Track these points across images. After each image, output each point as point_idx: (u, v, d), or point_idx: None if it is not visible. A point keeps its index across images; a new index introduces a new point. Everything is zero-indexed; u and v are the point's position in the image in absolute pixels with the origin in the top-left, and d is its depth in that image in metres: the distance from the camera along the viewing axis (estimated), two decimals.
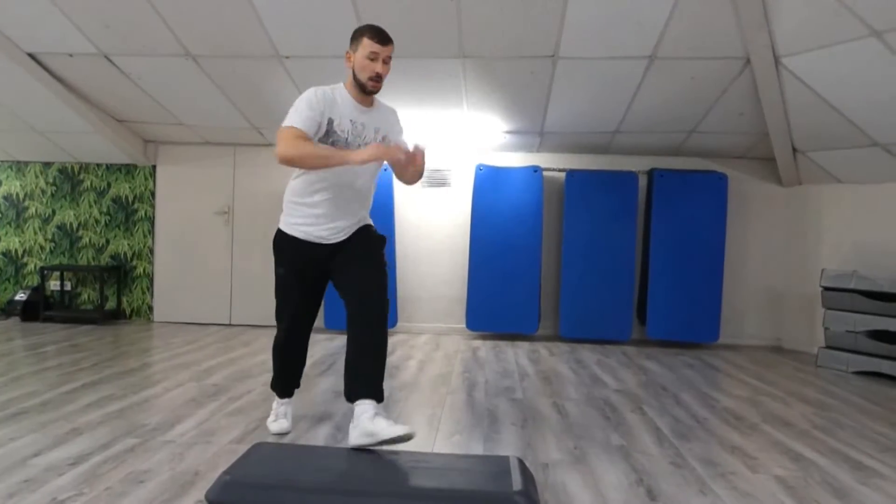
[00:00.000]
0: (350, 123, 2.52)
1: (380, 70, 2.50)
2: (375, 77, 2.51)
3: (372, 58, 2.49)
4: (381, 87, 2.55)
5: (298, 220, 2.65)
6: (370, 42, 2.50)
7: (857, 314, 4.67)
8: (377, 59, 2.50)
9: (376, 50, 2.49)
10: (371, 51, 2.49)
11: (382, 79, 2.53)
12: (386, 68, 2.53)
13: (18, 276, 6.43)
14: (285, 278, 2.76)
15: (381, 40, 2.51)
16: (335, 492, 2.11)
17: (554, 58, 4.49)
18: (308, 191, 2.60)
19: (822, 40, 3.93)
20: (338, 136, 2.50)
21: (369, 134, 2.56)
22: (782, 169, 5.54)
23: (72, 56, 4.79)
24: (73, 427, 2.85)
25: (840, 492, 2.38)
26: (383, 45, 2.51)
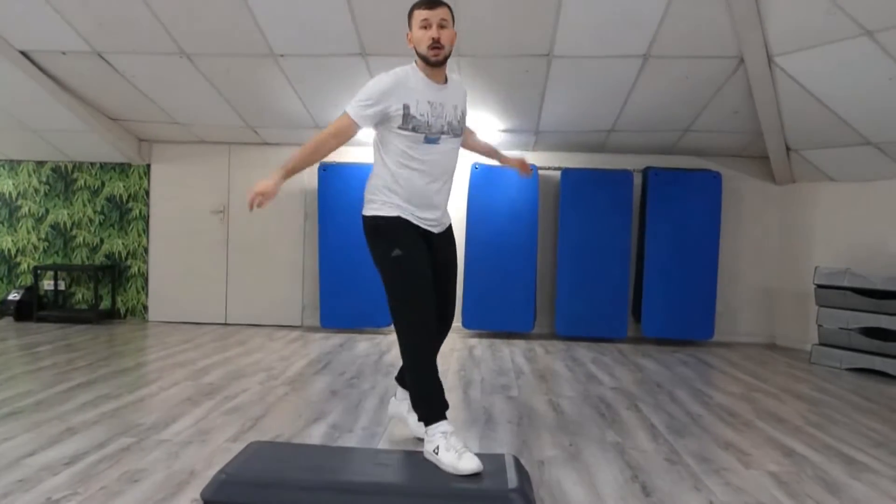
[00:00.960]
0: (428, 105, 2.37)
1: (434, 34, 2.33)
2: (433, 44, 2.33)
3: (424, 26, 2.34)
4: (447, 52, 2.37)
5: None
6: (419, 11, 2.36)
7: (850, 311, 4.69)
8: (430, 25, 2.33)
9: (426, 16, 2.34)
10: (422, 19, 2.35)
11: (443, 45, 2.34)
12: (444, 32, 2.34)
13: (12, 276, 6.40)
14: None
15: (429, 5, 2.35)
16: (330, 490, 2.11)
17: (549, 56, 4.50)
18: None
19: (815, 40, 3.95)
20: (417, 120, 2.35)
21: (449, 112, 2.42)
22: (776, 167, 5.57)
23: (65, 54, 4.78)
24: (67, 426, 2.84)
25: (832, 487, 2.39)
26: (432, 8, 2.35)
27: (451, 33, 2.38)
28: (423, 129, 2.37)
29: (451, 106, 2.44)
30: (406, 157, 2.39)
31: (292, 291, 6.14)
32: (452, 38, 2.40)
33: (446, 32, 2.36)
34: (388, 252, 2.38)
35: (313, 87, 5.08)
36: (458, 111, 2.47)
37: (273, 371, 4.14)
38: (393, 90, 2.35)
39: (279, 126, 5.80)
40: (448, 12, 2.40)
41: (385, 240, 2.41)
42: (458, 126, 2.46)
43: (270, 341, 5.31)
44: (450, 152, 2.47)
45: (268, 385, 3.76)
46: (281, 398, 3.47)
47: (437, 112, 2.39)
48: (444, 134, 2.41)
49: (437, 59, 2.37)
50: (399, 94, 2.35)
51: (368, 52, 4.55)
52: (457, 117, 2.45)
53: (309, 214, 6.11)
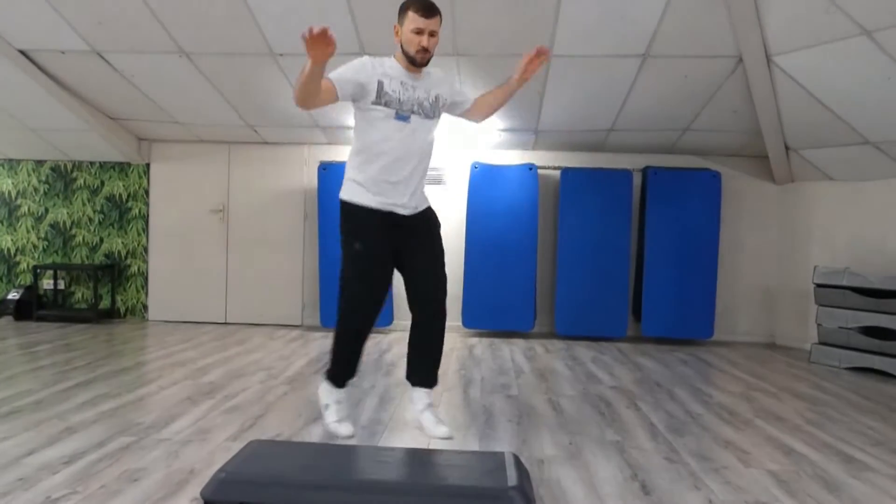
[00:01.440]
0: (400, 85, 2.51)
1: (425, 43, 2.45)
2: (422, 51, 2.47)
3: (417, 32, 2.45)
4: (428, 59, 2.52)
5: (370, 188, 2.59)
6: (415, 15, 2.44)
7: (850, 310, 4.70)
8: (422, 33, 2.44)
9: (421, 25, 2.44)
10: (416, 26, 2.45)
11: (430, 51, 2.49)
12: (433, 41, 2.47)
13: (11, 275, 6.40)
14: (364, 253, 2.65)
15: (426, 13, 2.44)
16: (330, 488, 2.11)
17: (548, 56, 4.49)
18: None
19: (814, 39, 3.95)
20: (389, 95, 2.49)
21: (421, 94, 2.55)
22: (775, 166, 5.57)
23: (64, 53, 4.77)
24: (67, 426, 2.84)
25: (831, 485, 2.40)
26: (428, 17, 2.45)
27: (437, 40, 2.52)
28: (395, 104, 2.50)
29: (423, 90, 2.56)
30: (378, 134, 2.52)
31: (292, 290, 6.14)
32: (437, 43, 2.53)
33: (434, 40, 2.50)
34: (350, 241, 2.60)
35: None
36: (431, 95, 2.58)
37: (273, 370, 4.14)
38: (371, 67, 2.50)
39: (278, 125, 5.80)
40: (439, 21, 2.51)
41: (351, 227, 2.61)
42: (429, 108, 2.57)
43: (270, 340, 5.31)
44: (420, 132, 2.56)
45: (268, 384, 3.76)
46: (281, 397, 3.47)
47: (407, 92, 2.52)
48: (415, 113, 2.53)
49: (423, 63, 2.52)
50: (376, 71, 2.50)
51: (368, 51, 4.54)
52: (429, 100, 2.56)
53: (308, 214, 6.11)
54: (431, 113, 2.58)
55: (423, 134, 2.58)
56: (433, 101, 2.58)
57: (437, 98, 2.59)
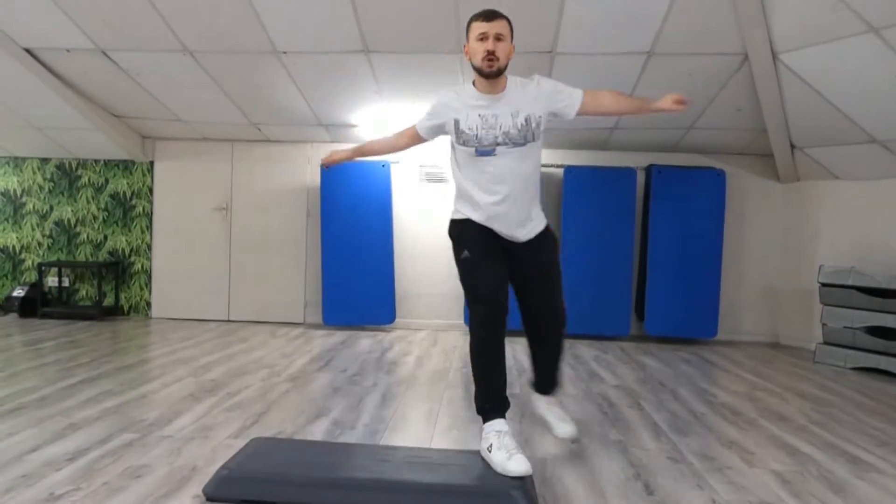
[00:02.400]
0: (478, 118, 2.37)
1: (490, 47, 2.31)
2: (487, 55, 2.31)
3: (481, 38, 2.33)
4: (502, 65, 2.35)
5: None
6: (476, 23, 2.36)
7: (855, 310, 4.67)
8: (486, 38, 2.32)
9: (484, 29, 2.33)
10: (479, 32, 2.34)
11: (497, 56, 2.32)
12: (500, 45, 2.33)
13: (16, 273, 6.42)
14: None
15: (486, 17, 2.36)
16: (332, 486, 2.11)
17: (552, 53, 4.48)
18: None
19: (820, 36, 3.93)
20: (467, 134, 2.39)
21: (505, 121, 2.36)
22: (780, 165, 5.55)
23: (69, 51, 4.78)
24: (70, 422, 2.85)
25: (836, 486, 2.38)
26: (490, 20, 2.35)
27: (507, 46, 2.37)
28: (473, 142, 2.39)
29: (509, 114, 2.37)
30: (466, 169, 2.45)
31: (295, 288, 6.15)
32: (509, 51, 2.38)
33: (502, 45, 2.35)
34: (458, 254, 2.47)
35: (316, 84, 5.08)
36: (521, 117, 2.37)
37: (275, 368, 4.15)
38: (446, 105, 2.45)
39: (282, 123, 5.80)
40: (506, 25, 2.39)
41: (456, 242, 2.51)
42: (518, 134, 2.37)
43: (273, 338, 5.31)
44: (513, 163, 2.39)
45: (270, 382, 3.76)
46: (283, 395, 3.47)
47: (487, 124, 2.37)
48: (501, 145, 2.37)
49: (491, 70, 2.33)
50: (451, 108, 2.43)
51: (371, 49, 4.54)
52: (517, 125, 2.36)
53: (312, 212, 6.11)
54: (522, 139, 2.37)
55: (515, 163, 2.39)
56: (523, 125, 2.37)
57: (527, 120, 2.37)
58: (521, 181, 2.42)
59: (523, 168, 2.41)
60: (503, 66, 2.36)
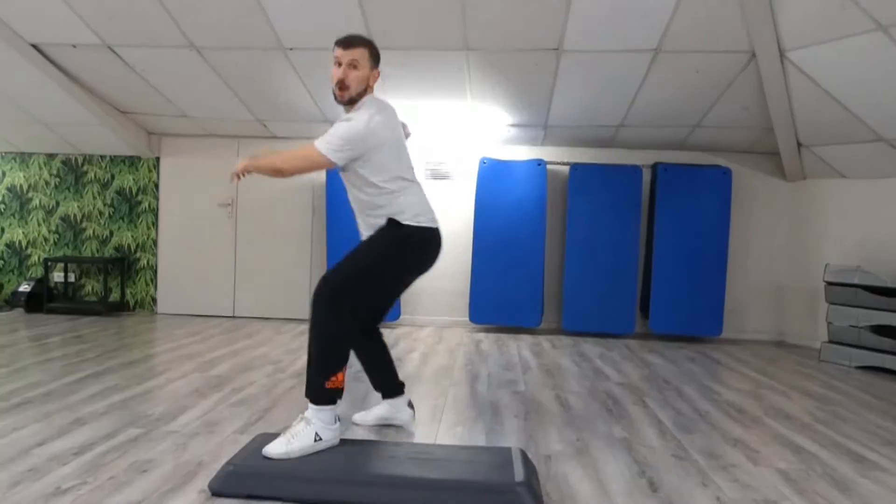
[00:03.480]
0: None
1: (340, 75, 2.37)
2: (337, 83, 2.38)
3: (336, 64, 2.39)
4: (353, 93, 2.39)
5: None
6: (335, 49, 2.40)
7: (861, 309, 4.66)
8: (340, 64, 2.38)
9: (337, 55, 2.39)
10: (334, 57, 2.40)
11: (348, 84, 2.37)
12: (350, 72, 2.37)
13: (22, 268, 6.45)
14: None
15: (344, 45, 2.39)
16: (338, 482, 2.12)
17: (558, 51, 4.48)
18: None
19: (828, 34, 3.91)
20: None
21: None
22: (786, 163, 5.53)
23: (75, 47, 4.79)
24: (76, 417, 2.86)
25: (841, 484, 2.38)
26: (346, 48, 2.39)
27: (361, 74, 2.37)
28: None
29: None
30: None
31: (300, 285, 6.15)
32: (366, 78, 2.39)
33: (356, 73, 2.37)
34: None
35: (322, 81, 5.07)
36: None
37: (280, 364, 4.16)
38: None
39: (288, 120, 5.80)
40: (365, 53, 2.39)
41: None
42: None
43: (278, 334, 5.32)
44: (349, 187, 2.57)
45: (275, 378, 3.77)
46: (288, 391, 3.48)
47: None
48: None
49: (342, 100, 2.40)
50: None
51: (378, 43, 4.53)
52: None
53: (317, 209, 6.12)
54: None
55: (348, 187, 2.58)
56: None
57: None
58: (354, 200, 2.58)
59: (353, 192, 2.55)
60: (353, 95, 2.39)
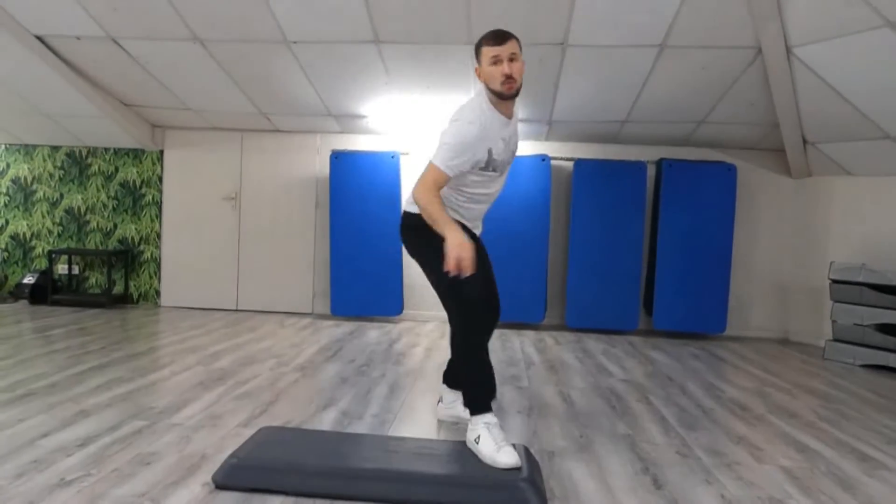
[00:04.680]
0: (503, 143, 2.44)
1: (507, 71, 2.34)
2: (506, 80, 2.34)
3: (495, 62, 2.35)
4: (519, 86, 2.39)
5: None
6: (488, 48, 2.37)
7: (866, 307, 4.64)
8: (501, 60, 2.34)
9: (497, 52, 2.35)
10: (492, 55, 2.36)
11: (514, 77, 2.35)
12: (515, 66, 2.35)
13: (27, 260, 6.46)
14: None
15: (497, 41, 2.37)
16: (340, 476, 2.12)
17: (563, 45, 4.46)
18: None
19: (835, 30, 3.88)
20: (496, 161, 2.43)
21: (514, 142, 2.53)
22: (792, 160, 5.50)
23: (79, 39, 4.78)
24: (80, 409, 2.87)
25: (846, 483, 2.37)
26: (500, 44, 2.36)
27: (520, 65, 2.39)
28: (501, 167, 2.48)
29: (517, 133, 2.55)
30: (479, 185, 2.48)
31: (303, 279, 6.16)
32: (522, 68, 2.41)
33: (517, 65, 2.37)
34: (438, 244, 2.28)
35: (326, 74, 5.07)
36: (510, 148, 2.52)
37: (284, 357, 4.16)
38: (480, 139, 2.36)
39: (291, 113, 5.79)
40: (516, 44, 2.39)
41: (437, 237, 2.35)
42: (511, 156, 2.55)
43: (281, 328, 5.33)
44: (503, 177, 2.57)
45: (278, 371, 3.77)
46: (291, 384, 3.48)
47: (509, 147, 2.49)
48: (508, 164, 2.52)
49: (511, 93, 2.37)
50: (484, 141, 2.38)
51: (381, 39, 4.53)
52: (517, 143, 2.56)
53: (320, 202, 6.11)
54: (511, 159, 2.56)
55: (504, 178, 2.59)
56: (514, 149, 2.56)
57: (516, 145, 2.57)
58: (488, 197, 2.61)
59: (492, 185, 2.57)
60: (520, 86, 2.40)
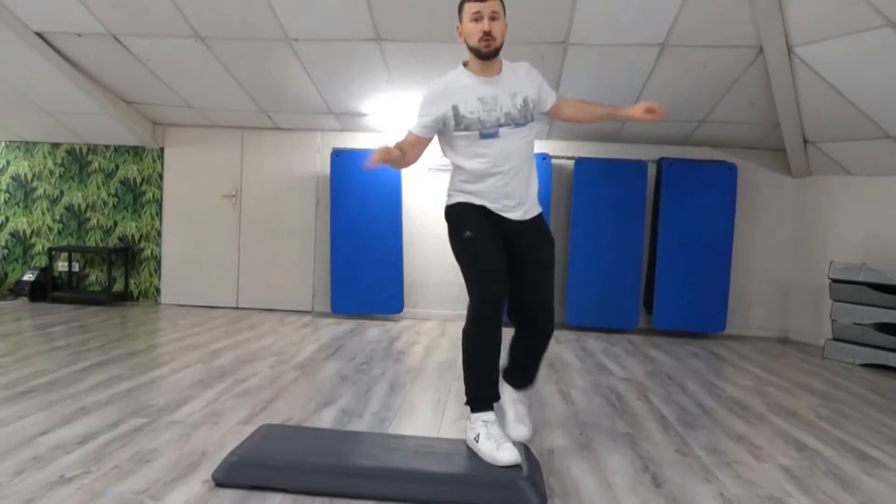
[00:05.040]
0: (478, 102, 2.34)
1: (486, 27, 2.29)
2: (484, 36, 2.30)
3: (476, 18, 2.31)
4: (499, 44, 2.33)
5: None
6: (469, 4, 2.34)
7: (865, 307, 4.64)
8: (481, 17, 2.30)
9: (478, 9, 2.31)
10: (473, 12, 2.32)
11: (494, 36, 2.31)
12: (495, 24, 2.31)
13: (27, 257, 6.46)
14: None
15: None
16: (340, 474, 2.12)
17: (565, 44, 4.45)
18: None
19: (837, 30, 3.88)
20: (468, 119, 2.34)
21: (505, 102, 2.35)
22: (792, 160, 5.50)
23: (80, 36, 4.78)
24: (80, 406, 2.87)
25: (845, 482, 2.38)
26: (483, 0, 2.32)
27: (502, 25, 2.35)
28: (476, 125, 2.34)
29: (508, 95, 2.36)
30: (469, 152, 2.38)
31: (303, 277, 6.16)
32: (504, 29, 2.37)
33: (497, 24, 2.33)
34: (459, 235, 2.40)
35: (327, 72, 5.06)
36: (519, 98, 2.37)
37: (284, 355, 4.16)
38: (440, 94, 2.37)
39: (292, 111, 5.79)
40: (499, 4, 2.37)
41: (455, 225, 2.43)
42: (519, 115, 2.36)
43: (281, 326, 5.33)
44: (515, 142, 2.37)
45: (278, 369, 3.77)
46: (291, 382, 3.49)
47: (489, 106, 2.34)
48: (503, 126, 2.35)
49: (489, 50, 2.33)
50: (447, 96, 2.36)
51: (383, 37, 4.52)
52: (516, 106, 2.36)
53: (321, 200, 6.11)
54: (523, 119, 2.37)
55: (516, 142, 2.37)
56: (522, 105, 2.37)
57: (525, 101, 2.37)
58: (523, 160, 2.41)
59: (525, 148, 2.42)
60: (499, 45, 2.36)
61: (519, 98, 2.37)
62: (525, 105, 2.38)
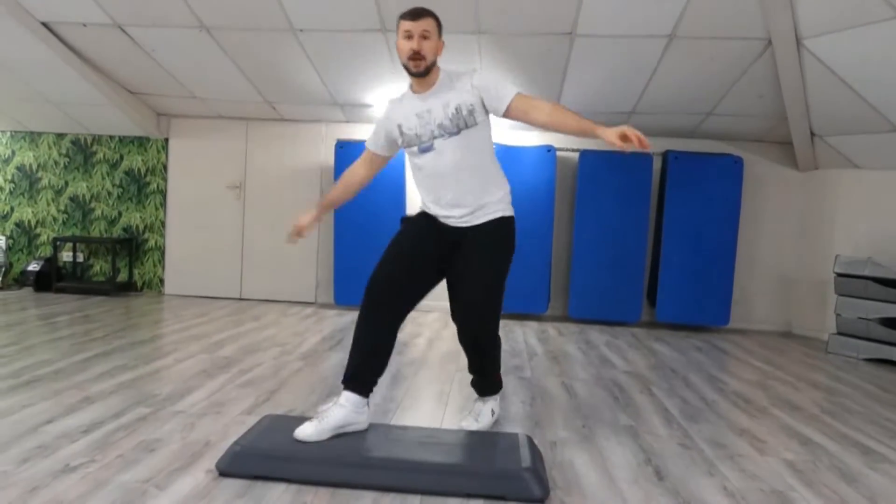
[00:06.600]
0: (416, 118, 2.40)
1: (415, 46, 2.30)
2: (412, 55, 2.31)
3: (406, 36, 2.33)
4: (428, 63, 2.34)
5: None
6: (402, 21, 2.35)
7: (870, 301, 4.63)
8: (412, 36, 2.31)
9: (408, 27, 2.32)
10: (404, 30, 2.33)
11: (423, 55, 2.31)
12: (426, 43, 2.31)
13: (31, 247, 6.48)
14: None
15: (412, 17, 2.34)
16: (344, 465, 2.12)
17: (571, 35, 4.43)
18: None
19: (846, 22, 3.85)
20: (410, 137, 2.42)
21: (438, 113, 2.36)
22: (799, 153, 5.47)
23: (85, 26, 4.77)
24: (85, 395, 2.88)
25: (848, 476, 2.37)
26: (415, 20, 2.33)
27: (433, 44, 2.35)
28: (415, 141, 2.43)
29: (441, 106, 2.37)
30: (415, 167, 2.52)
31: (307, 268, 6.16)
32: (436, 48, 2.37)
33: (428, 43, 2.32)
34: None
35: (332, 63, 5.05)
36: (451, 108, 2.36)
37: (287, 346, 4.17)
38: (387, 115, 2.50)
39: (297, 102, 5.78)
40: (433, 23, 2.36)
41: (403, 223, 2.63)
42: (451, 124, 2.36)
43: (284, 317, 5.34)
44: (448, 152, 2.39)
45: (282, 360, 3.78)
46: (295, 373, 3.49)
47: (424, 121, 2.40)
48: (437, 138, 2.38)
49: (418, 70, 2.34)
50: (393, 116, 2.47)
51: (388, 27, 4.50)
52: (447, 116, 2.36)
53: (325, 191, 6.10)
54: (455, 127, 2.36)
55: (451, 153, 2.38)
56: (454, 114, 2.35)
57: (457, 109, 2.35)
58: (466, 168, 2.41)
59: (467, 155, 2.40)
60: (430, 64, 2.36)
61: (451, 107, 2.37)
62: (457, 113, 2.36)
